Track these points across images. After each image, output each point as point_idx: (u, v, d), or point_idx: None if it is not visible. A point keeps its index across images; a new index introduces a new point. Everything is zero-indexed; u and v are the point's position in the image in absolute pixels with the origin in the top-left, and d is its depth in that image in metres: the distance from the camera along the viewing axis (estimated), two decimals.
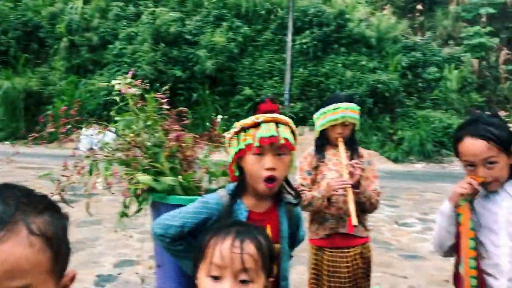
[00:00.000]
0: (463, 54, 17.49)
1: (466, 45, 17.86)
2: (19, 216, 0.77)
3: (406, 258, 5.60)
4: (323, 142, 2.83)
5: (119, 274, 4.53)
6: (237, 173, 1.80)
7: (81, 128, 2.32)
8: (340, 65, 17.08)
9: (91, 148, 2.16)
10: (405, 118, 16.20)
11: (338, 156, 2.75)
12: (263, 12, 19.04)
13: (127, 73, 2.25)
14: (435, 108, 16.46)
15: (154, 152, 2.11)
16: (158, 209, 2.02)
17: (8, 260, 0.74)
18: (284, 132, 1.71)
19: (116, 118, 2.18)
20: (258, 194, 1.76)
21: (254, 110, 1.79)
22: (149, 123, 2.16)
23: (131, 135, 2.12)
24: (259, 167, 1.69)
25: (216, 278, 1.26)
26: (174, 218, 1.75)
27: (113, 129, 2.19)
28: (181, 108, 2.42)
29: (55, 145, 15.85)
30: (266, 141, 1.67)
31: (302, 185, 2.75)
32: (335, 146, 2.77)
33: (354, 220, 2.43)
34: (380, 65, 17.18)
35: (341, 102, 2.71)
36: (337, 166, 2.74)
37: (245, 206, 1.76)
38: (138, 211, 2.15)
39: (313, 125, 3.04)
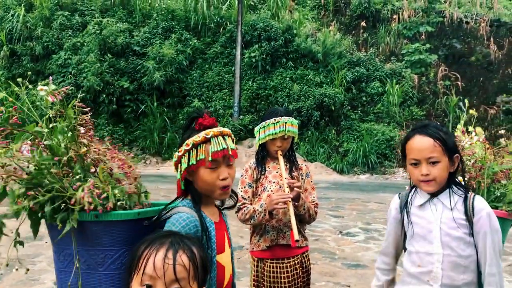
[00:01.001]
0: (404, 69, 18.27)
1: (407, 61, 18.66)
2: None
3: (350, 267, 5.76)
4: (263, 155, 2.90)
5: None
6: (182, 187, 1.84)
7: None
8: (288, 78, 17.40)
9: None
10: (350, 130, 16.67)
11: (278, 169, 2.83)
12: (212, 25, 19.15)
13: (72, 84, 2.01)
14: (378, 121, 17.05)
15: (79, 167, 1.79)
16: (85, 231, 1.73)
17: None
18: (230, 143, 1.82)
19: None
20: (208, 203, 1.85)
21: (190, 124, 1.87)
22: (68, 135, 1.80)
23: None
24: (214, 179, 1.79)
25: (148, 287, 1.29)
26: None
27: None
28: (85, 118, 1.98)
29: None
30: (219, 154, 1.77)
31: (244, 198, 2.80)
32: (275, 158, 2.86)
33: (296, 235, 2.50)
34: (326, 79, 17.65)
35: (280, 116, 2.79)
36: (277, 178, 2.82)
37: (209, 218, 1.83)
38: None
39: None
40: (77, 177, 1.72)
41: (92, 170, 1.84)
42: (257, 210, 2.67)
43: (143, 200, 1.99)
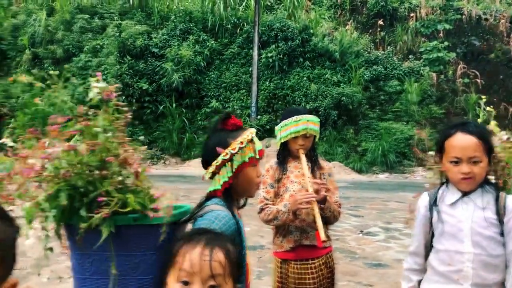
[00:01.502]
0: (422, 67, 18.13)
1: (425, 59, 18.51)
2: None
3: (371, 266, 5.77)
4: (285, 154, 2.86)
5: None
6: (219, 186, 1.83)
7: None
8: (305, 78, 17.41)
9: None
10: (368, 130, 16.60)
11: (299, 168, 2.79)
12: (229, 26, 19.25)
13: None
14: (396, 120, 16.95)
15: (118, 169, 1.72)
16: (122, 236, 1.68)
17: None
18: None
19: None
20: (235, 201, 1.92)
21: (219, 124, 1.89)
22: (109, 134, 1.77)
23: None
24: (255, 176, 1.89)
25: (185, 284, 1.33)
26: None
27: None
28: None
29: None
30: (263, 152, 1.89)
31: (266, 198, 2.77)
32: (297, 158, 2.81)
33: (323, 235, 2.48)
34: (343, 79, 17.60)
35: (302, 114, 2.76)
36: (299, 178, 2.78)
37: (238, 217, 1.86)
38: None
39: None
40: (119, 178, 1.65)
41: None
42: (281, 210, 2.65)
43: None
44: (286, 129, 2.75)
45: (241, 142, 1.82)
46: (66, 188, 1.59)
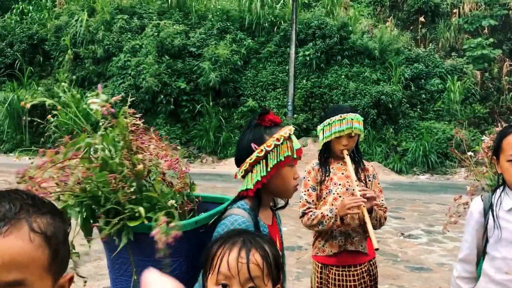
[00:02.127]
0: (465, 65, 17.51)
1: (469, 56, 17.87)
2: (22, 215, 0.85)
3: (413, 270, 5.59)
4: (327, 155, 2.73)
5: None
6: (251, 186, 1.72)
7: None
8: (343, 76, 17.13)
9: None
10: (409, 129, 16.19)
11: (343, 170, 2.68)
12: (266, 24, 19.17)
13: (132, 85, 1.79)
14: (438, 119, 16.46)
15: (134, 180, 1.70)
16: (142, 243, 1.69)
17: (7, 253, 0.79)
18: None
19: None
20: (264, 206, 1.79)
21: (256, 120, 1.77)
22: (120, 144, 1.72)
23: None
24: (290, 177, 1.76)
25: (224, 286, 1.30)
26: None
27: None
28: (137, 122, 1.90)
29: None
30: (301, 152, 1.76)
31: (308, 202, 2.65)
32: (339, 158, 2.69)
33: (375, 244, 2.34)
34: (383, 77, 17.22)
35: (346, 112, 2.63)
36: (343, 180, 2.66)
37: (263, 221, 1.76)
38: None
39: (316, 136, 2.94)
40: (132, 189, 1.65)
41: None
42: (327, 215, 2.52)
43: (192, 195, 1.91)
44: (330, 128, 2.62)
45: (277, 139, 1.69)
46: (85, 199, 1.65)
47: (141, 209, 1.61)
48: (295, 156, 1.73)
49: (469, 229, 2.13)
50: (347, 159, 2.62)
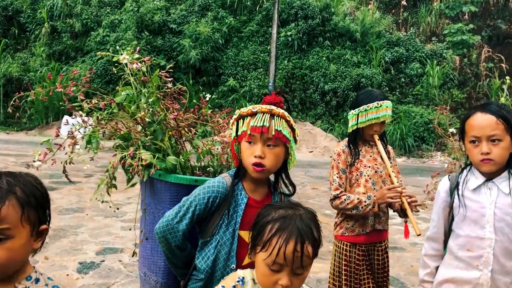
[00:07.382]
0: (445, 50, 17.68)
1: (449, 42, 18.04)
2: (9, 190, 1.28)
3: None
4: (357, 138, 2.84)
5: (102, 261, 4.52)
6: (239, 157, 1.88)
7: (70, 114, 2.35)
8: (324, 58, 17.13)
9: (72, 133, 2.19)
10: None
11: (371, 153, 2.83)
12: (248, 3, 18.96)
13: (111, 61, 2.41)
14: (416, 103, 16.65)
15: (154, 130, 2.20)
16: (154, 187, 2.13)
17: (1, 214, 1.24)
18: (278, 125, 1.76)
19: (120, 91, 2.29)
20: (254, 180, 1.84)
21: (260, 102, 1.87)
22: (151, 99, 2.24)
23: (133, 107, 2.22)
24: (249, 154, 1.78)
25: (275, 271, 1.45)
26: (182, 210, 1.81)
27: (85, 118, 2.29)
28: (180, 86, 2.53)
29: (35, 132, 15.62)
30: (257, 130, 1.75)
31: (340, 185, 2.76)
32: (367, 142, 2.85)
33: (417, 230, 2.47)
34: (363, 60, 17.29)
35: (381, 99, 2.75)
36: (372, 162, 2.80)
37: (245, 191, 1.85)
38: (133, 185, 2.24)
39: (297, 117, 2.99)
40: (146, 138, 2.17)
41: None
42: (364, 202, 2.66)
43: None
44: (366, 114, 2.74)
45: (236, 115, 1.82)
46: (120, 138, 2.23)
47: (148, 155, 2.06)
48: (249, 132, 1.76)
49: (436, 208, 2.21)
50: (379, 144, 2.78)
